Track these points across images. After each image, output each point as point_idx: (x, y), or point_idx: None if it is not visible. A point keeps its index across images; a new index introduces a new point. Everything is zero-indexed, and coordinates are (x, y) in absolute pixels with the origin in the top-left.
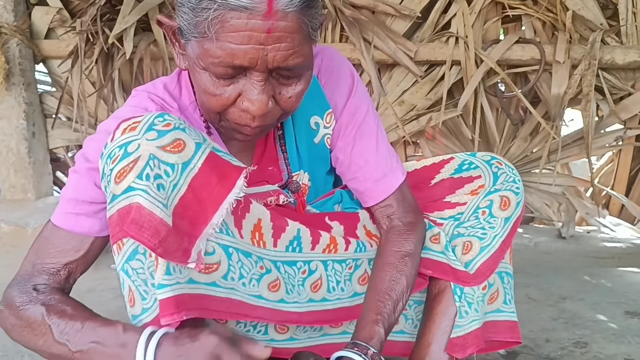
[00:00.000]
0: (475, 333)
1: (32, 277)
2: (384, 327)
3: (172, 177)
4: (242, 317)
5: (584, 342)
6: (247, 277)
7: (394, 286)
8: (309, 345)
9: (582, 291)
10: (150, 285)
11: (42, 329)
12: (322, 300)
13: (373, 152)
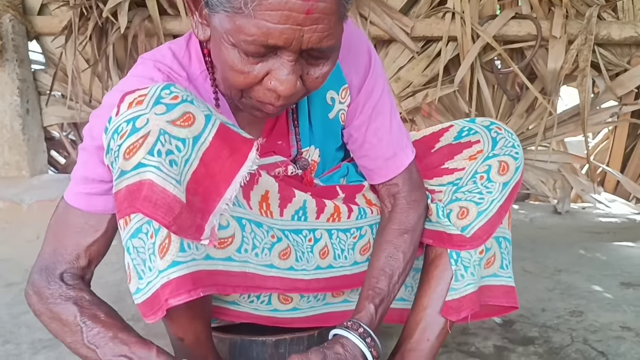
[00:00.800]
0: (471, 297)
1: (56, 265)
2: (374, 303)
3: (183, 153)
4: (256, 290)
5: (580, 311)
6: (259, 247)
7: (390, 262)
8: (312, 315)
9: (577, 264)
10: (147, 267)
11: (72, 328)
12: (328, 267)
13: (387, 131)
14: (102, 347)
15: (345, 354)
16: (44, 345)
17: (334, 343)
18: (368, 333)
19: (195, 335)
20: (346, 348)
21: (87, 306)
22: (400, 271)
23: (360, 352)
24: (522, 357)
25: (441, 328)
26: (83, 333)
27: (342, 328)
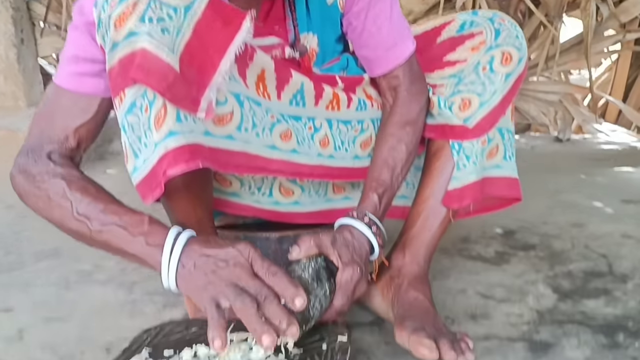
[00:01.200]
0: (473, 185)
1: (43, 145)
2: (377, 193)
3: (175, 21)
4: (260, 171)
5: (581, 223)
6: (259, 126)
7: (393, 153)
8: (313, 211)
9: (578, 186)
10: (143, 144)
11: (61, 203)
12: (329, 157)
13: (387, 19)
14: (92, 218)
15: (353, 240)
16: (46, 255)
17: (342, 230)
18: (373, 221)
19: (197, 220)
20: (354, 235)
21: (76, 181)
22: (403, 163)
23: (367, 240)
24: (523, 260)
25: (443, 217)
26: (72, 206)
27: (349, 217)
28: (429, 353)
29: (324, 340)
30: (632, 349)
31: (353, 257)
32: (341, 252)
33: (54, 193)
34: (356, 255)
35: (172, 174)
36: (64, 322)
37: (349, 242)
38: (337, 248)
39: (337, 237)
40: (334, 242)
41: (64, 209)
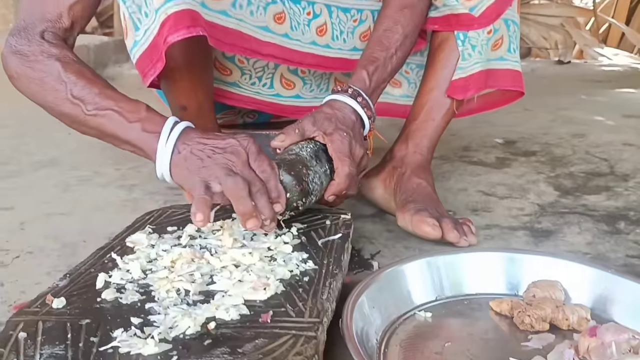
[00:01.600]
0: (478, 75)
1: (35, 24)
2: (366, 70)
3: None
4: (253, 54)
5: (582, 134)
6: (254, 3)
7: (387, 34)
8: (315, 105)
9: (579, 104)
10: (143, 13)
11: (55, 85)
12: (325, 46)
13: None
14: (87, 101)
15: (335, 112)
16: (44, 164)
17: (322, 106)
18: (358, 93)
19: (198, 104)
20: (334, 107)
21: (71, 63)
22: (398, 45)
23: (352, 110)
24: (524, 164)
25: (447, 108)
26: (67, 88)
27: (333, 92)
28: (432, 231)
29: (327, 218)
30: (634, 234)
31: (337, 125)
32: (324, 126)
33: (48, 74)
34: (340, 124)
35: (173, 40)
36: (66, 216)
37: (330, 115)
38: (319, 126)
39: (316, 117)
40: (315, 122)
41: (58, 91)
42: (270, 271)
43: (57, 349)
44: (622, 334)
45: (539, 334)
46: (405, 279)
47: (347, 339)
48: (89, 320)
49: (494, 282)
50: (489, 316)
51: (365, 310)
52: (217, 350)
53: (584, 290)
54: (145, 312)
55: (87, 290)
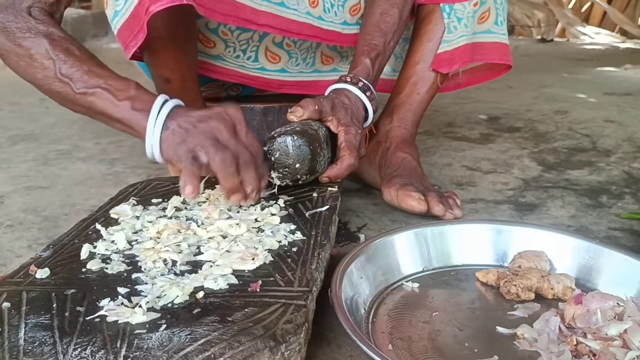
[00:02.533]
0: (464, 48)
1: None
2: (370, 58)
3: None
4: (248, 24)
5: (565, 111)
6: None
7: (385, 18)
8: (300, 80)
9: (561, 82)
10: None
11: (44, 62)
12: (319, 18)
13: None
14: (76, 79)
15: (351, 104)
16: (22, 138)
17: (339, 94)
18: (368, 86)
19: (181, 76)
20: (350, 99)
21: (59, 40)
22: (395, 29)
23: (362, 105)
24: (508, 139)
25: (432, 82)
26: (56, 66)
27: (343, 82)
28: (417, 205)
29: (314, 191)
30: (615, 208)
31: (352, 119)
32: (340, 115)
33: (36, 52)
34: (355, 119)
35: (156, 10)
36: (46, 190)
37: (347, 106)
38: (336, 112)
39: (335, 102)
40: (333, 107)
41: (47, 69)
42: (258, 242)
43: (43, 318)
44: (607, 301)
45: (524, 303)
46: (394, 249)
47: (337, 308)
48: (75, 290)
49: (481, 253)
50: (476, 286)
51: (354, 280)
52: (206, 319)
53: (568, 261)
54: (132, 282)
55: (72, 261)
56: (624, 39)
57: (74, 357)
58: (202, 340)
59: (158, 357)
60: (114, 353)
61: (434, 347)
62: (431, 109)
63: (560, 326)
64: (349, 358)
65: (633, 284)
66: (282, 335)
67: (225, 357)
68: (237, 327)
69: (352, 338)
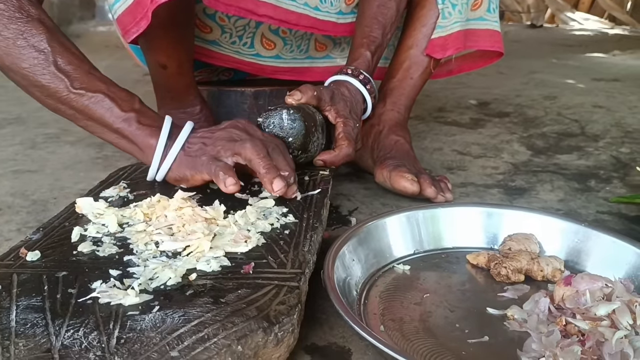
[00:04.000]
0: (457, 35)
1: None
2: (370, 50)
3: None
4: (249, 14)
5: (554, 96)
6: None
7: (382, 10)
8: (294, 66)
9: (550, 68)
10: None
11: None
12: (315, 8)
13: None
14: (74, 78)
15: (351, 97)
16: (9, 122)
17: (340, 85)
18: (368, 79)
19: (178, 63)
20: (350, 91)
21: (54, 30)
22: (393, 20)
23: (362, 98)
24: (498, 124)
25: (425, 67)
26: (50, 58)
27: (344, 74)
28: (410, 186)
29: (306, 174)
30: (603, 192)
31: (351, 112)
32: (339, 106)
33: (27, 37)
34: (354, 112)
35: (162, 1)
36: (34, 173)
37: (347, 98)
38: (334, 103)
39: (335, 93)
40: (332, 98)
41: (37, 59)
42: (251, 224)
43: (34, 300)
44: (596, 282)
45: (514, 285)
46: (386, 232)
47: (329, 290)
48: (66, 273)
49: (472, 236)
50: (466, 269)
51: (346, 263)
52: (199, 300)
53: (558, 243)
54: (124, 265)
55: (62, 243)
56: (613, 25)
57: (66, 339)
58: (196, 322)
59: (151, 338)
60: (107, 334)
61: (425, 328)
62: (422, 94)
63: (549, 307)
64: (341, 339)
65: (621, 265)
66: (276, 316)
67: (219, 337)
68: (231, 308)
69: (345, 319)
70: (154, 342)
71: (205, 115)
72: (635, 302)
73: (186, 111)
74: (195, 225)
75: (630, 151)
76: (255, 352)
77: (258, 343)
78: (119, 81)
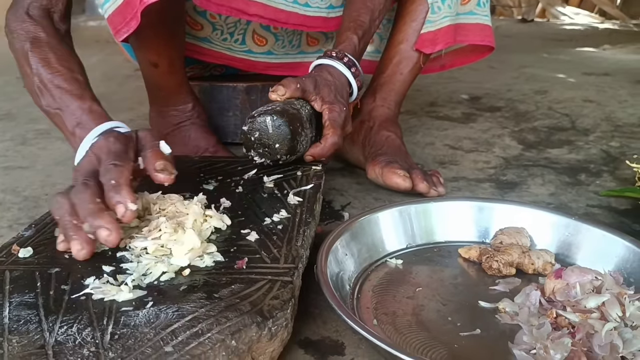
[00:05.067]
0: (447, 29)
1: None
2: (356, 34)
3: None
4: (239, 13)
5: (544, 90)
6: None
7: None
8: (286, 62)
9: (541, 62)
10: None
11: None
12: (305, 4)
13: None
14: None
15: (334, 80)
16: (0, 118)
17: (322, 70)
18: (353, 62)
19: (169, 61)
20: (333, 75)
21: (40, 47)
22: (381, 7)
23: (347, 80)
24: (489, 119)
25: (414, 62)
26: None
27: (328, 57)
28: (402, 182)
29: (298, 169)
30: (594, 186)
31: (336, 96)
32: (323, 93)
33: (21, 56)
34: (339, 96)
35: (150, 2)
36: (25, 170)
37: (331, 83)
38: (319, 91)
39: (318, 80)
40: (316, 86)
41: (27, 76)
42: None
43: (27, 297)
44: (586, 275)
45: (506, 278)
46: (378, 227)
47: (322, 284)
48: (59, 269)
49: (464, 230)
50: (458, 263)
51: (339, 257)
52: (193, 295)
53: (548, 237)
54: (117, 261)
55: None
56: (603, 19)
57: (60, 335)
58: (190, 317)
59: (145, 334)
60: (101, 330)
61: (418, 322)
62: (413, 88)
63: (540, 300)
64: (334, 333)
65: (611, 258)
66: (269, 310)
67: (213, 332)
68: (224, 303)
69: (338, 313)
70: (148, 337)
71: (197, 112)
72: (624, 295)
73: (178, 109)
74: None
75: (620, 145)
76: (249, 346)
77: (252, 337)
78: (109, 77)
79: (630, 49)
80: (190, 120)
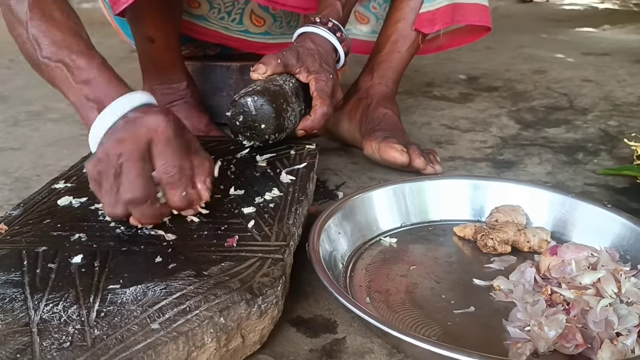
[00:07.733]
0: (445, 9)
1: None
2: (340, 1)
3: None
4: None
5: (543, 70)
6: None
7: None
8: (283, 42)
9: (540, 42)
10: None
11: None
12: None
13: None
14: (43, 46)
15: (317, 48)
16: None
17: (304, 40)
18: (337, 27)
19: (165, 37)
20: (316, 42)
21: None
22: None
23: (332, 47)
24: (486, 99)
25: (412, 41)
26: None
27: (310, 25)
28: (399, 156)
29: (292, 148)
30: (591, 164)
31: (322, 64)
32: (307, 63)
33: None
34: (324, 63)
35: None
36: (17, 151)
37: (314, 51)
38: (302, 62)
39: (300, 51)
40: (299, 57)
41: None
42: None
43: (13, 275)
44: (582, 251)
45: (501, 256)
46: (372, 205)
47: (314, 261)
48: (46, 248)
49: (459, 209)
50: (453, 241)
51: (332, 236)
52: (182, 273)
53: (544, 214)
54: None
55: (43, 219)
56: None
57: (45, 313)
58: (178, 294)
59: (132, 311)
60: (87, 308)
61: (411, 300)
62: (411, 68)
63: (535, 277)
64: (327, 311)
65: (607, 235)
66: (259, 288)
67: (201, 309)
68: (213, 280)
69: (330, 290)
70: (135, 314)
71: (191, 91)
72: (620, 271)
73: (172, 87)
74: None
75: (618, 124)
76: (238, 324)
77: (241, 315)
78: None
79: (630, 28)
80: (183, 99)
